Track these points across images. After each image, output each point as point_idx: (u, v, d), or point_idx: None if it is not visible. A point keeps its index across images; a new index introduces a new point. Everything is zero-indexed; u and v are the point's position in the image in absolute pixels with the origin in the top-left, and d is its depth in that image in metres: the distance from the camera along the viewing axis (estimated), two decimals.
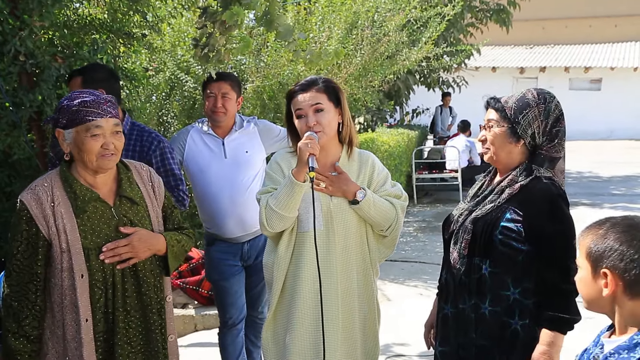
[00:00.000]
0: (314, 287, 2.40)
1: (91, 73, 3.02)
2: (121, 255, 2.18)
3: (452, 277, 2.26)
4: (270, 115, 5.75)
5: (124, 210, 2.23)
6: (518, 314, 2.14)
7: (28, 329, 2.14)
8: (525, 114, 2.19)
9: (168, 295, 2.36)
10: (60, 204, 2.14)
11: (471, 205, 2.29)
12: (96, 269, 2.15)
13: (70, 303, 2.13)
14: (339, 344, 2.42)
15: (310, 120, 2.41)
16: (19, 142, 3.56)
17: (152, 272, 2.29)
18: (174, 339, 2.38)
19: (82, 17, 4.03)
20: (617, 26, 24.67)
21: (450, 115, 13.81)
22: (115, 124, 2.17)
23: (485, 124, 2.28)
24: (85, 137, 2.12)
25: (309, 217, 2.40)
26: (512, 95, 2.27)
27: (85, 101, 2.13)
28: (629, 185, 11.79)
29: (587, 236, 1.53)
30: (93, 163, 2.15)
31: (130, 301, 2.22)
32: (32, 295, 2.14)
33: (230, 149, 3.32)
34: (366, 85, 7.10)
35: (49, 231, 2.12)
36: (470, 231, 2.20)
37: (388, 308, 5.12)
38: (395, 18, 7.24)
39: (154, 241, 2.26)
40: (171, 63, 5.40)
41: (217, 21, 3.18)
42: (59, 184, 2.17)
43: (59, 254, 2.13)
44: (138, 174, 2.34)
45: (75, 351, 2.13)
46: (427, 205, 10.29)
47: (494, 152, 2.25)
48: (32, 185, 2.18)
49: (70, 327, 2.14)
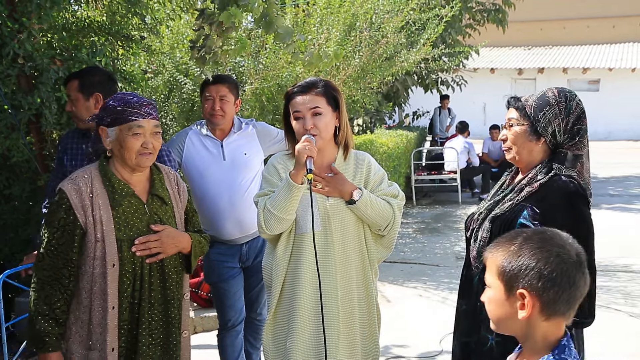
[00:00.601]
0: (313, 289, 2.40)
1: (88, 76, 3.02)
2: (151, 249, 2.30)
3: (471, 274, 2.28)
4: (268, 117, 5.75)
5: (155, 208, 2.37)
6: None
7: (58, 312, 2.24)
8: (545, 112, 2.20)
9: (186, 292, 2.47)
10: (98, 196, 2.27)
11: (491, 204, 2.30)
12: (127, 260, 2.27)
13: (100, 290, 2.24)
14: (340, 345, 2.41)
15: (308, 123, 2.40)
16: (17, 145, 3.56)
17: (176, 268, 2.41)
18: (188, 335, 2.48)
19: (80, 19, 4.03)
20: (614, 27, 24.71)
21: (449, 117, 13.84)
22: (155, 125, 2.32)
23: (506, 123, 2.30)
24: (127, 135, 2.27)
25: (306, 218, 2.41)
26: (532, 94, 2.29)
27: (130, 102, 2.28)
28: (626, 186, 11.80)
29: (497, 253, 1.41)
30: (132, 160, 2.29)
31: (155, 294, 2.33)
32: (66, 280, 2.24)
33: (228, 151, 3.33)
34: (365, 86, 7.10)
35: (86, 220, 2.24)
36: (489, 229, 2.21)
37: (387, 309, 5.12)
38: (393, 20, 7.24)
39: (181, 239, 2.40)
40: (170, 65, 5.40)
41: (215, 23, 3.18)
42: (98, 177, 2.30)
43: (92, 242, 2.24)
44: (167, 177, 2.50)
45: (100, 336, 2.23)
46: (426, 207, 10.30)
47: (516, 151, 2.26)
48: (72, 176, 2.31)
49: (97, 313, 2.24)
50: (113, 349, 2.24)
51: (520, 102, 2.26)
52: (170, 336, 2.38)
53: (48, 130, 3.63)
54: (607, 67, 22.09)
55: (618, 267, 6.33)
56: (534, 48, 25.26)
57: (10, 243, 3.81)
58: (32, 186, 3.75)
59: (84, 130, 3.07)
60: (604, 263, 6.51)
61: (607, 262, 6.52)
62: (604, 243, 7.35)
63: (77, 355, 2.27)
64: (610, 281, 5.85)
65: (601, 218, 8.91)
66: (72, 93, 3.01)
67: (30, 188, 3.75)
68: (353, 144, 2.59)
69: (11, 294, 3.74)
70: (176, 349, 2.40)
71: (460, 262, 6.74)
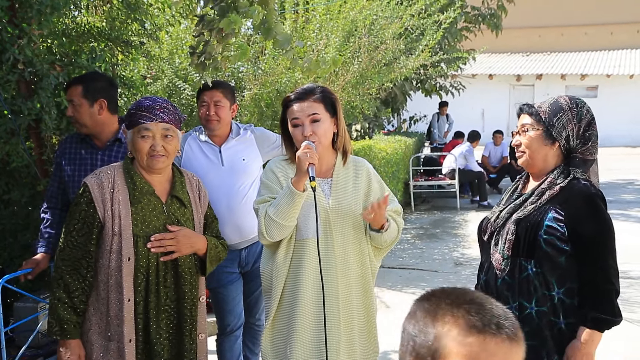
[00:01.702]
0: (314, 295, 2.40)
1: (92, 82, 3.03)
2: (166, 247, 2.38)
3: (493, 278, 2.28)
4: (267, 122, 5.76)
5: (173, 209, 2.46)
6: (563, 313, 2.19)
7: (77, 302, 2.34)
8: (560, 117, 2.25)
9: (202, 295, 2.55)
10: (119, 191, 2.36)
11: (511, 208, 2.32)
12: (142, 255, 2.35)
13: (116, 283, 2.32)
14: (341, 350, 2.42)
15: (307, 130, 2.40)
16: (17, 150, 3.57)
17: (190, 269, 2.48)
18: (204, 338, 2.55)
19: (80, 25, 4.05)
20: (612, 34, 24.81)
21: (447, 123, 13.88)
22: (165, 129, 2.39)
23: (519, 129, 2.33)
24: (137, 137, 2.37)
25: (308, 224, 2.41)
26: (544, 101, 2.33)
27: (142, 105, 2.38)
28: (623, 192, 11.82)
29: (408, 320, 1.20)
30: (144, 161, 2.39)
31: (167, 292, 2.41)
32: (84, 270, 2.34)
33: (227, 157, 3.34)
34: (363, 92, 7.12)
35: (104, 214, 2.34)
36: (514, 232, 2.23)
37: (386, 315, 5.12)
38: (392, 26, 7.27)
39: (197, 240, 2.48)
40: (169, 71, 5.42)
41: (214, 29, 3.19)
42: (121, 174, 2.41)
43: (110, 236, 2.33)
44: (189, 181, 2.58)
45: (117, 328, 2.33)
46: (424, 212, 10.31)
47: (530, 155, 2.30)
48: (96, 171, 2.42)
49: (114, 305, 2.33)
50: (130, 340, 2.32)
51: (534, 109, 2.30)
52: (184, 335, 2.44)
53: (47, 136, 3.64)
54: (605, 74, 22.16)
55: None
56: (533, 54, 25.33)
57: (9, 248, 3.80)
58: (31, 191, 3.75)
59: (84, 135, 3.08)
60: None
61: None
62: None
63: (97, 345, 2.36)
64: None
65: None
66: (75, 98, 3.02)
67: (29, 193, 3.75)
68: (351, 149, 2.60)
69: (10, 299, 3.73)
70: (191, 350, 2.47)
71: (458, 267, 6.75)
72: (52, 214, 3.14)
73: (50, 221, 3.13)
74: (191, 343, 2.47)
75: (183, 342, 2.44)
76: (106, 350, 2.35)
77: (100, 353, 2.35)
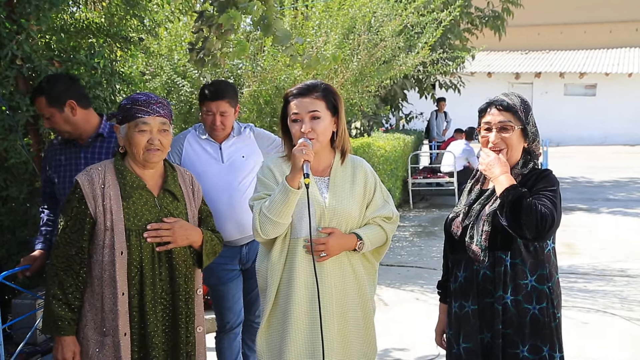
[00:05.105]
0: (308, 293, 2.39)
1: (52, 88, 2.91)
2: (162, 237, 2.39)
3: (473, 273, 2.29)
4: (266, 119, 5.75)
5: (165, 203, 2.47)
6: (535, 299, 2.24)
7: (71, 298, 2.35)
8: (531, 115, 2.33)
9: (198, 288, 2.56)
10: (110, 187, 2.38)
11: (480, 204, 2.34)
12: (134, 249, 2.36)
13: (109, 277, 2.34)
14: (336, 350, 2.41)
15: (306, 127, 2.38)
16: (15, 146, 3.56)
17: (185, 262, 2.49)
18: (202, 331, 2.57)
19: (79, 21, 4.03)
20: (611, 32, 24.81)
21: (445, 120, 13.87)
22: (162, 123, 2.41)
23: (494, 125, 2.31)
24: (134, 132, 2.38)
25: (302, 222, 2.40)
26: (508, 96, 2.35)
27: (138, 100, 2.40)
28: (624, 190, 11.84)
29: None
30: (140, 156, 2.39)
31: (162, 284, 2.42)
32: (77, 266, 2.36)
33: (227, 154, 3.33)
34: (363, 90, 7.11)
35: (96, 210, 2.35)
36: (490, 223, 2.24)
37: (384, 313, 5.12)
38: (392, 23, 7.26)
39: (193, 232, 2.49)
40: (168, 67, 5.41)
41: (214, 25, 3.18)
42: (112, 170, 2.42)
43: (102, 231, 2.35)
44: (181, 176, 2.60)
45: (112, 322, 2.34)
46: (423, 210, 10.31)
47: (510, 153, 2.32)
48: (87, 168, 2.44)
49: (108, 300, 2.34)
50: (125, 333, 2.33)
51: (512, 106, 2.30)
52: (179, 327, 2.45)
53: (46, 132, 3.63)
54: (604, 72, 22.18)
55: (614, 272, 6.34)
56: (531, 52, 25.33)
57: (7, 245, 3.80)
58: (29, 188, 3.74)
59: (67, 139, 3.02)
60: (600, 267, 6.52)
61: (603, 266, 6.54)
62: (600, 248, 7.40)
63: (93, 341, 2.37)
64: (606, 285, 5.86)
65: (596, 223, 8.94)
66: (44, 111, 2.93)
67: (27, 190, 3.74)
68: (350, 149, 2.59)
69: (8, 295, 3.73)
70: (187, 342, 2.48)
71: None
72: (49, 213, 3.14)
73: (48, 219, 3.12)
74: (187, 336, 2.48)
75: (179, 335, 2.45)
76: (102, 346, 2.35)
77: (96, 349, 2.36)
